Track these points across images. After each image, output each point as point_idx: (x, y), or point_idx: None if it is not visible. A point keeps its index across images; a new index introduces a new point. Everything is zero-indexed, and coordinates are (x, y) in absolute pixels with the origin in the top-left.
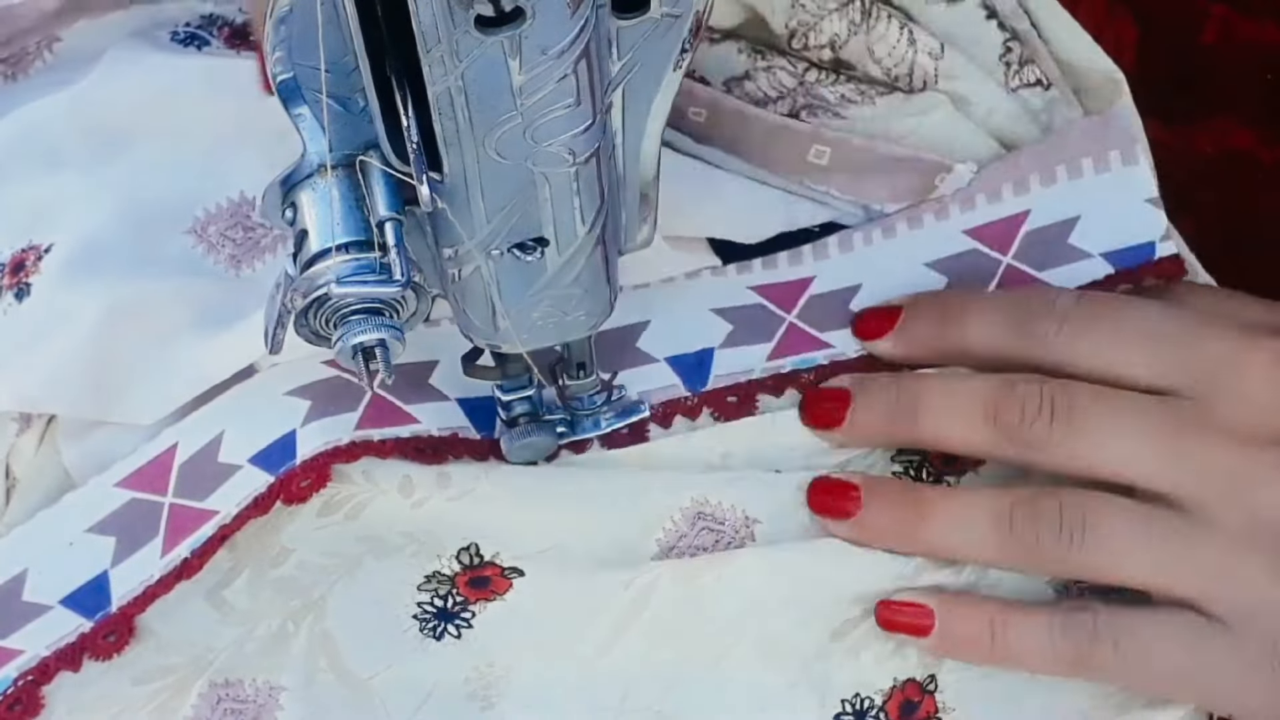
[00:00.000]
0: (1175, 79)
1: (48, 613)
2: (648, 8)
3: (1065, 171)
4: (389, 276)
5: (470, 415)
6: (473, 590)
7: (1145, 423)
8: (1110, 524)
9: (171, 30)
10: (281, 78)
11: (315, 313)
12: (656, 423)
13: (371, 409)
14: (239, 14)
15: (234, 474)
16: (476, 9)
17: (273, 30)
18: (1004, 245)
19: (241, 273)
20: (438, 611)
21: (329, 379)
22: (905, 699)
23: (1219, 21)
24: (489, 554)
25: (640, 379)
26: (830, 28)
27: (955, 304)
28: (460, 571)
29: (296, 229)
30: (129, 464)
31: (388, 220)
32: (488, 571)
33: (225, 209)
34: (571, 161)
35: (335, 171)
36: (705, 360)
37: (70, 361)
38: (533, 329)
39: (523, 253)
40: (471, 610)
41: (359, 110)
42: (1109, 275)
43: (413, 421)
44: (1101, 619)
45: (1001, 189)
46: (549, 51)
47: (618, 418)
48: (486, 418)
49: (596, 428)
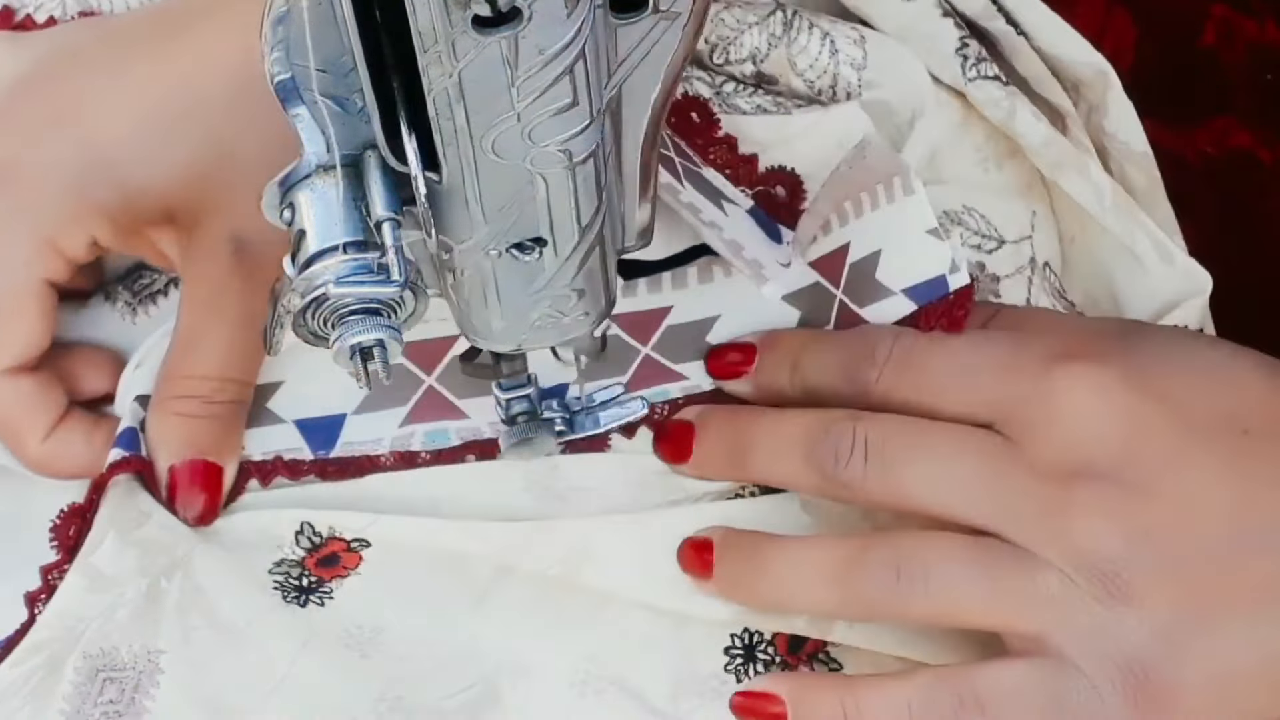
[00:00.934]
0: (1175, 79)
1: None
2: (646, 7)
3: (868, 200)
4: (387, 277)
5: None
6: (323, 569)
7: (958, 461)
8: (946, 567)
9: None
10: (279, 78)
11: (313, 313)
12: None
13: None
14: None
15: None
16: (474, 9)
17: (270, 30)
18: (835, 279)
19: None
20: (297, 588)
21: None
22: (794, 634)
23: (1219, 21)
24: (325, 531)
25: (488, 409)
26: (750, 41)
27: (794, 347)
28: (305, 555)
29: (294, 229)
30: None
31: (386, 220)
32: (333, 548)
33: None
34: (569, 161)
35: (333, 172)
36: (559, 395)
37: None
38: (531, 329)
39: (521, 253)
40: (329, 586)
41: (357, 110)
42: (913, 312)
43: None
44: (961, 686)
45: (831, 219)
46: (546, 52)
47: (617, 417)
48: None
49: (595, 426)
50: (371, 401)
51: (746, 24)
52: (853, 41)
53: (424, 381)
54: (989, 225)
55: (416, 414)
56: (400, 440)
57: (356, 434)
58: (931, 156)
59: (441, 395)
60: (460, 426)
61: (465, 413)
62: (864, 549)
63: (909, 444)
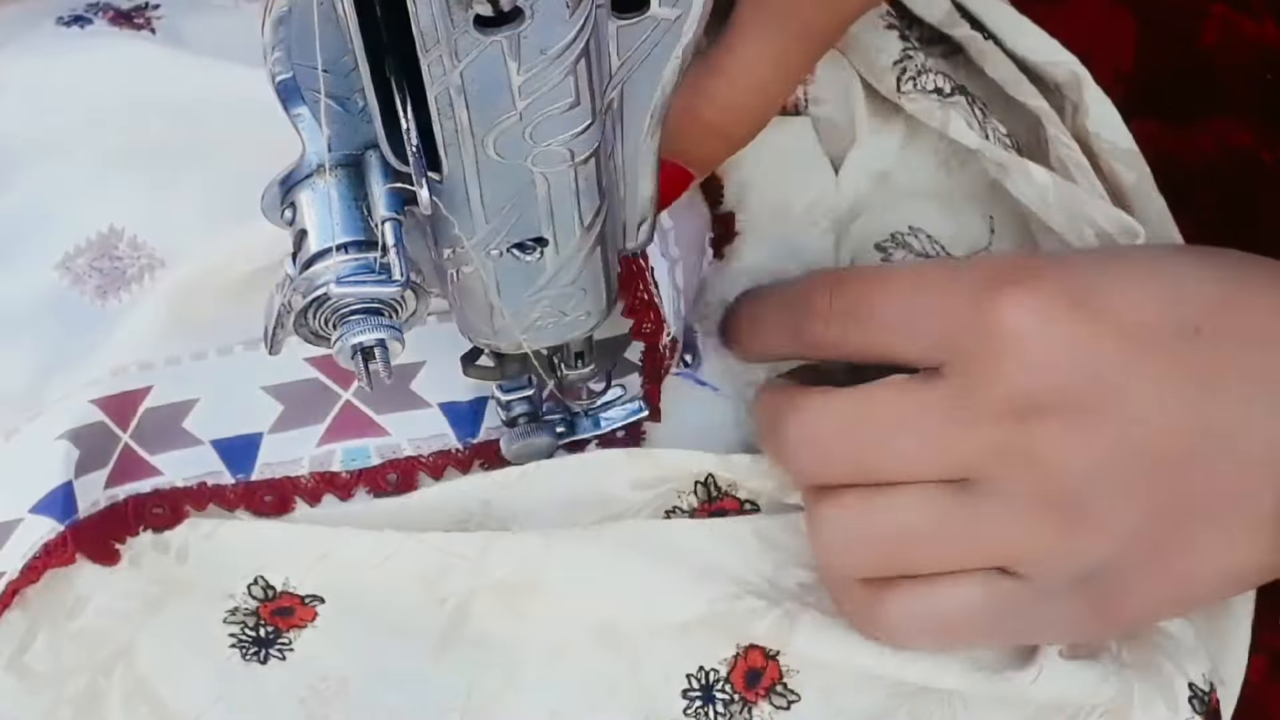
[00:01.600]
0: (1175, 79)
1: None
2: (647, 8)
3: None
4: (388, 276)
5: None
6: (279, 619)
7: (913, 414)
8: (912, 523)
9: (56, 16)
10: (280, 78)
11: (314, 313)
12: (427, 472)
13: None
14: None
15: (15, 529)
16: (475, 9)
17: (271, 30)
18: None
19: (108, 304)
20: (253, 639)
21: (91, 424)
22: (749, 667)
23: (1219, 21)
24: (279, 584)
25: (408, 424)
26: None
27: (743, 317)
28: (259, 605)
29: (295, 229)
30: None
31: (387, 220)
32: (287, 602)
33: (95, 242)
34: (571, 161)
35: (334, 171)
36: (479, 409)
37: None
38: (532, 329)
39: (522, 252)
40: (287, 637)
41: (358, 110)
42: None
43: (383, 433)
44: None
45: None
46: (548, 51)
47: (617, 418)
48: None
49: (596, 427)
50: (286, 420)
51: None
52: None
53: (340, 397)
54: (934, 244)
55: (334, 431)
56: (319, 460)
57: (274, 454)
58: (881, 178)
59: (360, 411)
60: (380, 444)
61: (386, 429)
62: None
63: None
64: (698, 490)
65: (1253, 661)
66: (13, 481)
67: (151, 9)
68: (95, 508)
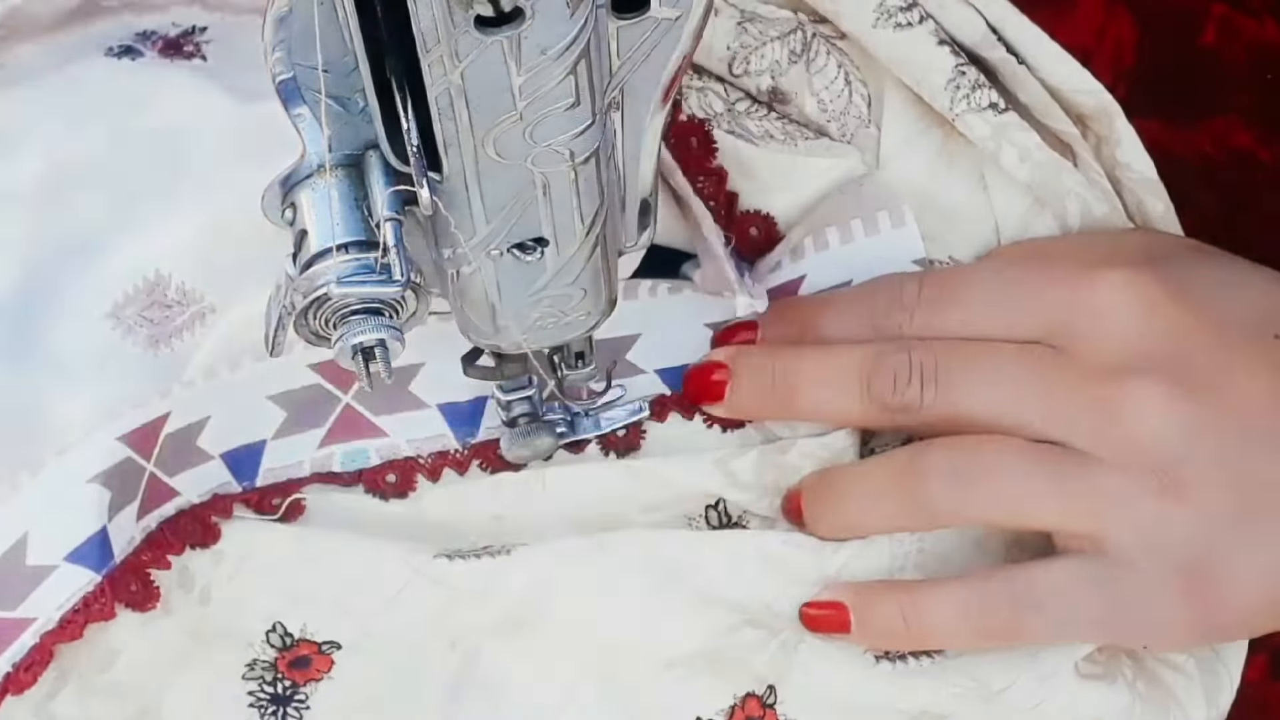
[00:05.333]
0: (1175, 79)
1: None
2: (647, 8)
3: (837, 235)
4: (389, 276)
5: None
6: (296, 672)
7: (1012, 373)
8: (1003, 468)
9: (106, 47)
10: (281, 78)
11: (315, 313)
12: (425, 475)
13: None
14: (172, 27)
15: (48, 575)
16: (476, 9)
17: (272, 31)
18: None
19: (160, 352)
20: (271, 697)
21: (120, 462)
22: (746, 717)
23: (1219, 21)
24: (297, 630)
25: (407, 425)
26: (772, 54)
27: (810, 311)
28: (277, 655)
29: (296, 229)
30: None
31: (387, 220)
32: (304, 650)
33: (142, 289)
34: (571, 161)
35: (335, 171)
36: (479, 409)
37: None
38: (532, 329)
39: (522, 253)
40: (304, 693)
41: (359, 110)
42: None
43: (382, 434)
44: (1018, 585)
45: (805, 244)
46: (548, 51)
47: (618, 418)
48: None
49: (596, 428)
50: (289, 426)
51: (769, 37)
52: (862, 81)
53: (341, 400)
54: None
55: (334, 434)
56: (320, 462)
57: (277, 459)
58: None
59: (359, 414)
60: (380, 445)
61: (384, 430)
62: (921, 453)
63: (963, 365)
64: (709, 515)
65: (1253, 660)
66: (44, 522)
67: (199, 33)
68: (132, 544)
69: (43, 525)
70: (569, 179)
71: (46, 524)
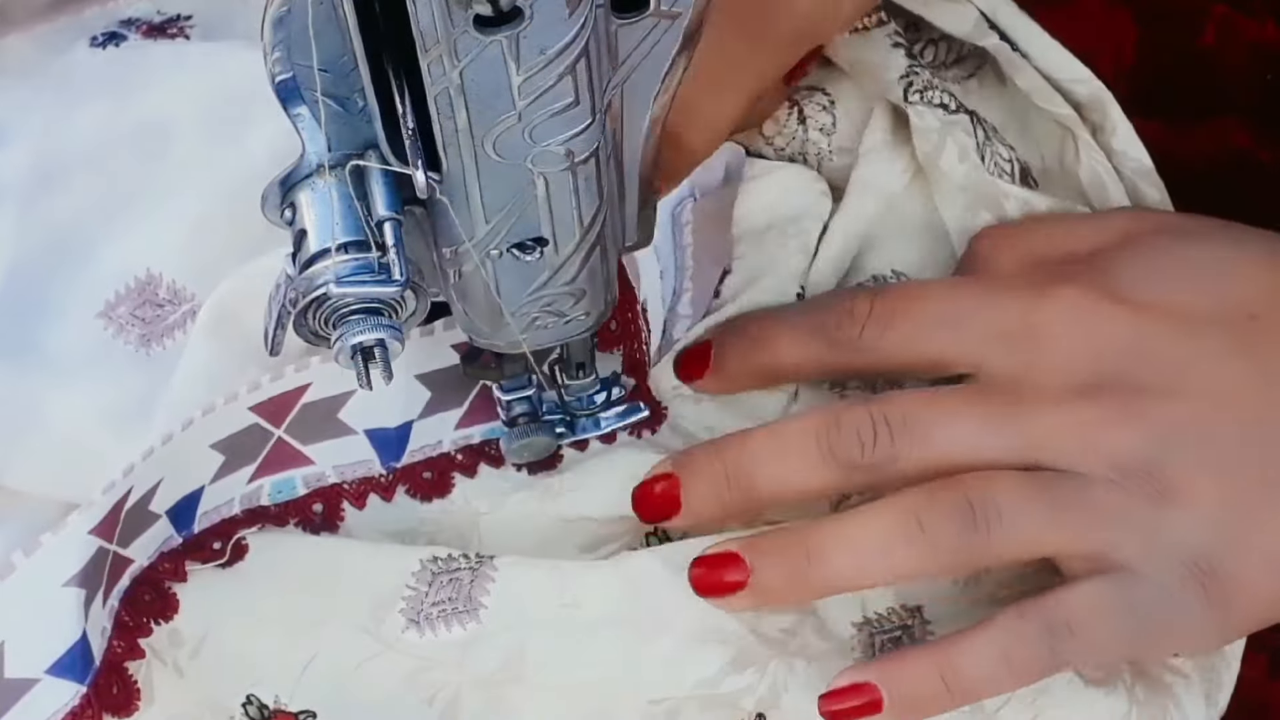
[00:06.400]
0: (1175, 79)
1: None
2: (647, 7)
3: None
4: (388, 276)
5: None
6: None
7: (976, 410)
8: (1013, 499)
9: (90, 37)
10: (280, 78)
11: (314, 313)
12: (350, 501)
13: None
14: (156, 14)
15: (30, 689)
16: (475, 9)
17: (271, 30)
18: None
19: (151, 351)
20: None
21: (94, 556)
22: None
23: (1219, 21)
24: (270, 701)
25: (334, 452)
26: None
27: (760, 328)
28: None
29: (295, 229)
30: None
31: (387, 220)
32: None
33: (134, 289)
34: (570, 161)
35: (334, 171)
36: (405, 434)
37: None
38: (532, 329)
39: (522, 252)
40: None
41: (358, 110)
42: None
43: (309, 463)
44: (1047, 616)
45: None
46: (548, 51)
47: (618, 418)
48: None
49: (596, 428)
50: (224, 469)
51: None
52: (822, 107)
53: (274, 435)
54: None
55: (264, 468)
56: (249, 497)
57: (210, 502)
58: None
59: (289, 445)
60: (306, 474)
61: (312, 459)
62: (930, 498)
63: (925, 408)
64: (649, 542)
65: (1253, 660)
66: (22, 630)
67: (184, 20)
68: (105, 636)
69: (20, 634)
70: (568, 179)
71: (25, 632)
